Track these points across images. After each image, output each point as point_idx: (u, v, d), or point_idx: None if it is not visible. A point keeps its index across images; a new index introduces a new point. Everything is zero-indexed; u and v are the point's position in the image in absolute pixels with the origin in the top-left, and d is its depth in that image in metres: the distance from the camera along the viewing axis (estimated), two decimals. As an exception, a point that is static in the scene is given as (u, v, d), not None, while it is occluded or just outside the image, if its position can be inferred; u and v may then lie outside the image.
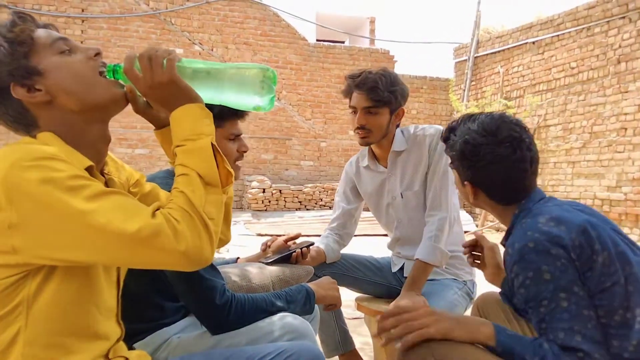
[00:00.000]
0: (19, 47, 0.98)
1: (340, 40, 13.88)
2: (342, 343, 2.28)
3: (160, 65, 1.00)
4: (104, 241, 0.86)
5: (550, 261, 1.11)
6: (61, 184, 0.86)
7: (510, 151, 1.27)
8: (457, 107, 10.30)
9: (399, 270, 2.29)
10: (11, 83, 0.98)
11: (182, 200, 0.93)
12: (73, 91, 1.01)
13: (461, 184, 1.39)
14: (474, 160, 1.31)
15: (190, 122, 1.01)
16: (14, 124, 1.03)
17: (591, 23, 7.86)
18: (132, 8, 9.81)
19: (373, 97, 2.03)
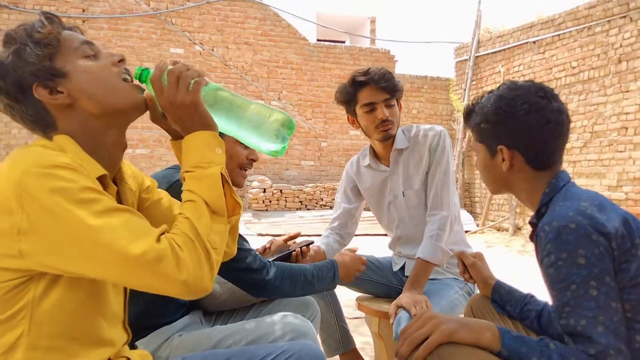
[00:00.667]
0: (45, 49, 0.98)
1: (340, 40, 13.88)
2: (343, 342, 2.28)
3: (187, 85, 1.00)
4: (107, 258, 0.86)
5: (589, 246, 1.07)
6: (72, 195, 0.86)
7: (547, 101, 1.24)
8: (457, 107, 10.30)
9: (400, 269, 2.29)
10: (34, 84, 0.98)
11: (187, 227, 0.93)
12: (95, 95, 1.01)
13: (490, 157, 1.32)
14: (511, 113, 1.24)
15: (202, 150, 1.00)
16: (32, 123, 1.02)
17: (592, 22, 7.85)
18: (133, 8, 9.81)
19: (390, 88, 2.07)
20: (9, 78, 0.97)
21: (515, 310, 1.46)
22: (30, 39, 0.98)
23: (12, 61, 0.97)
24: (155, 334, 1.43)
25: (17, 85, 0.98)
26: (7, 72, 0.97)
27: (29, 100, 0.99)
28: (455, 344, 1.11)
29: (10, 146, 9.18)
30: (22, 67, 0.97)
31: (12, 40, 1.00)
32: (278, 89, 10.62)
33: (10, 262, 0.88)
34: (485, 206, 9.61)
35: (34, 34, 0.99)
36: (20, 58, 0.97)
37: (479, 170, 1.39)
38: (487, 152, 1.32)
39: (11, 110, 1.01)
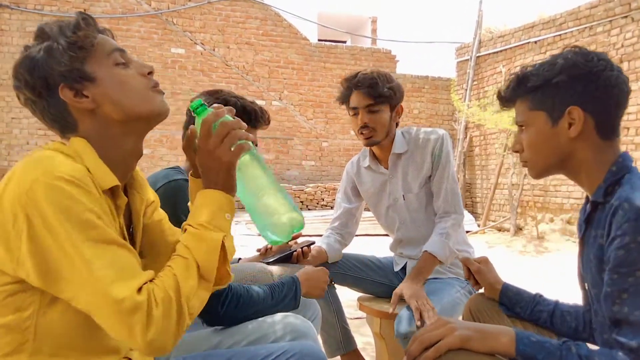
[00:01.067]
0: (78, 51, 0.98)
1: (342, 40, 13.88)
2: (344, 343, 2.28)
3: (231, 144, 0.99)
4: (85, 286, 0.85)
5: None
6: (75, 216, 0.85)
7: (616, 66, 1.17)
8: (458, 107, 10.28)
9: (401, 269, 2.28)
10: (61, 84, 0.98)
11: (171, 285, 0.91)
12: (120, 102, 1.01)
13: (551, 124, 1.19)
14: (589, 68, 1.14)
15: (213, 210, 0.99)
16: (52, 122, 1.02)
17: (593, 22, 7.85)
18: (134, 8, 9.81)
19: (374, 94, 2.02)
20: (36, 74, 0.97)
21: (525, 311, 1.43)
22: (65, 39, 0.98)
23: (43, 58, 0.97)
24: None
25: (43, 82, 0.97)
26: (35, 67, 0.97)
27: (53, 99, 0.99)
28: (464, 351, 1.07)
29: (11, 146, 9.19)
30: (52, 66, 0.97)
31: (45, 35, 0.99)
32: (279, 89, 10.62)
33: (7, 266, 0.88)
34: (486, 206, 9.60)
35: (69, 35, 0.98)
36: (52, 56, 0.97)
37: (527, 146, 1.25)
38: (548, 118, 1.19)
39: (32, 104, 1.01)
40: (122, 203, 1.03)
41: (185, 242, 0.97)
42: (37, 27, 1.01)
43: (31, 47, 1.00)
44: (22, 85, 0.99)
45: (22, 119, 9.27)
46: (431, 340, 1.10)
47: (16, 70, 0.99)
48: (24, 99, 1.01)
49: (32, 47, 0.99)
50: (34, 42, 1.00)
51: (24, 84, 0.98)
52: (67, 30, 0.99)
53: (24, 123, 9.28)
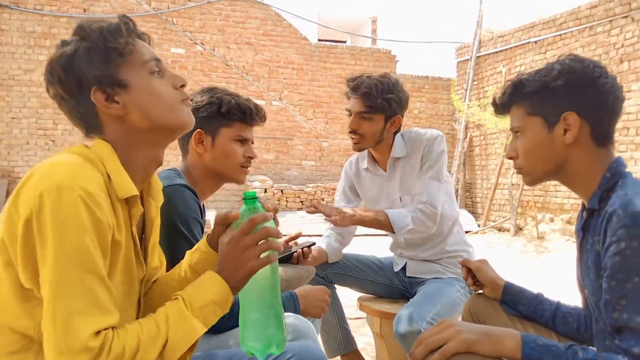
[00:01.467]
0: (117, 58, 0.98)
1: (341, 40, 13.87)
2: (344, 343, 2.28)
3: (261, 252, 0.98)
4: (49, 306, 0.83)
5: None
6: (71, 236, 0.85)
7: (611, 74, 1.17)
8: (459, 107, 10.28)
9: (401, 269, 2.28)
10: (95, 87, 0.98)
11: (131, 344, 0.87)
12: (150, 112, 1.01)
13: (547, 130, 1.19)
14: (586, 75, 1.14)
15: (212, 301, 0.96)
16: (78, 120, 1.02)
17: (593, 22, 7.84)
18: (134, 8, 9.81)
19: (366, 103, 2.01)
20: (71, 72, 0.97)
21: (528, 309, 1.42)
22: (105, 43, 0.97)
23: (80, 57, 0.97)
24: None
25: (76, 82, 0.97)
26: (71, 66, 0.96)
27: (83, 99, 0.98)
28: (470, 355, 1.06)
29: (11, 146, 9.19)
30: (88, 67, 0.96)
31: (84, 34, 0.98)
32: (279, 89, 10.61)
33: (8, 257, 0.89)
34: (486, 206, 9.59)
35: (110, 40, 0.98)
36: (89, 58, 0.97)
37: (522, 152, 1.25)
38: (544, 124, 1.19)
39: (61, 101, 1.00)
40: (138, 213, 1.02)
41: (169, 312, 0.93)
42: (78, 24, 1.00)
43: (69, 43, 0.99)
44: (54, 81, 0.98)
45: (22, 119, 9.26)
46: (436, 344, 1.09)
47: (51, 66, 0.98)
48: (53, 94, 1.01)
49: (70, 43, 0.98)
50: (71, 38, 0.99)
51: (57, 80, 0.98)
52: (108, 34, 0.98)
53: (23, 123, 9.27)
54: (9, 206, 0.89)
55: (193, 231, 1.41)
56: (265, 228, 0.99)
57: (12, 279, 0.89)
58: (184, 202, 1.41)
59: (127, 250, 1.01)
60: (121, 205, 0.99)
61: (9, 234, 0.87)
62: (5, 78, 9.17)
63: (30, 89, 9.27)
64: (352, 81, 2.07)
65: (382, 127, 2.06)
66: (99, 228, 0.88)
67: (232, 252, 0.98)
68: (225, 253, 0.99)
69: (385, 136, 2.09)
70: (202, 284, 0.98)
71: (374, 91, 2.00)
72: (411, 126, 10.81)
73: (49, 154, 9.28)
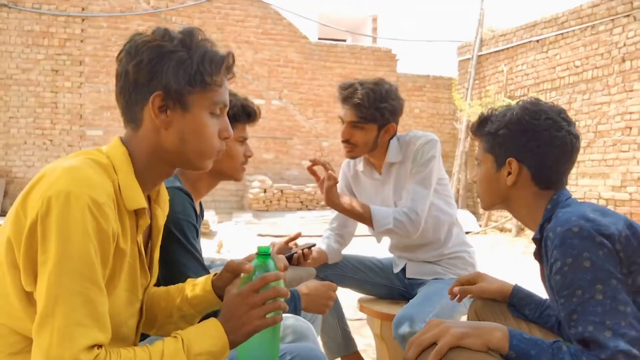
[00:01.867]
0: (200, 85, 0.99)
1: (342, 38, 13.85)
2: (344, 345, 2.29)
3: (268, 312, 0.98)
4: (49, 307, 0.83)
5: (593, 249, 1.07)
6: (74, 245, 0.84)
7: (567, 124, 1.25)
8: (460, 106, 10.26)
9: (401, 270, 2.27)
10: (161, 92, 0.97)
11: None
12: (187, 142, 1.02)
13: (495, 170, 1.32)
14: (532, 125, 1.24)
15: (209, 352, 0.95)
16: (125, 103, 1.01)
17: (595, 21, 7.82)
18: (133, 6, 9.79)
19: (358, 114, 1.99)
20: (152, 65, 0.97)
21: (534, 314, 1.44)
22: (199, 67, 0.98)
23: (170, 61, 0.97)
24: (158, 335, 1.41)
25: (150, 75, 0.97)
26: (158, 61, 0.97)
27: (141, 92, 0.99)
28: (463, 350, 1.08)
29: (9, 146, 9.16)
30: (170, 74, 0.97)
31: (188, 44, 0.98)
32: (279, 88, 10.59)
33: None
34: (487, 206, 9.56)
35: (206, 69, 0.98)
36: (177, 68, 0.97)
37: (478, 181, 1.39)
38: (494, 163, 1.32)
39: (124, 77, 0.99)
40: (145, 224, 1.03)
41: (165, 349, 0.92)
42: (191, 28, 1.01)
43: (171, 39, 0.98)
44: (133, 58, 0.97)
45: (20, 119, 9.24)
46: (427, 343, 1.12)
47: (141, 45, 0.97)
48: (121, 68, 1.00)
49: (172, 40, 0.98)
50: (175, 36, 0.99)
51: (136, 61, 0.97)
52: (209, 63, 0.99)
53: (21, 122, 9.25)
54: (17, 207, 0.89)
55: (187, 235, 1.41)
56: (275, 288, 0.99)
57: (16, 281, 0.88)
58: (178, 205, 1.42)
59: (131, 259, 1.01)
60: (129, 214, 0.99)
61: (15, 235, 0.87)
62: (3, 77, 9.15)
63: (28, 88, 9.25)
64: (344, 90, 2.03)
65: (375, 135, 2.04)
66: (102, 237, 0.88)
67: (239, 307, 0.99)
68: (231, 306, 1.00)
69: (379, 143, 2.07)
70: (203, 330, 0.98)
71: (366, 102, 1.97)
72: (412, 126, 10.80)
73: (47, 153, 9.27)
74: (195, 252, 1.41)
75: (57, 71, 9.37)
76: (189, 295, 1.14)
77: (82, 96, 9.50)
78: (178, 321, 1.17)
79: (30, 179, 0.91)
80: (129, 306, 1.04)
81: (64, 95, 9.41)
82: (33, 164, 9.19)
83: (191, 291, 1.14)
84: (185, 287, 1.17)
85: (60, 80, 9.39)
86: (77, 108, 9.48)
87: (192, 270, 1.37)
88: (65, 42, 9.40)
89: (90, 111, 9.51)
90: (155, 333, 1.19)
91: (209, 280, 1.13)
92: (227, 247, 6.67)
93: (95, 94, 9.54)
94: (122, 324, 1.02)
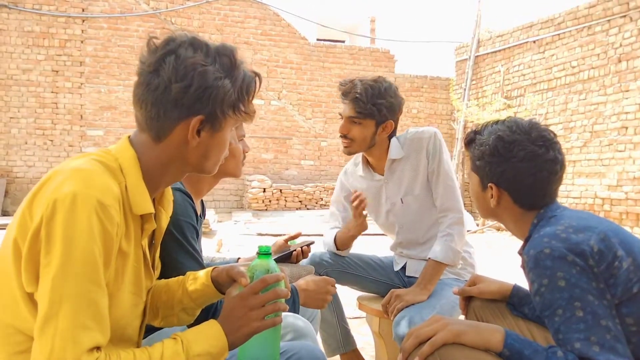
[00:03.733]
0: (234, 111, 1.01)
1: (340, 39, 13.86)
2: (343, 342, 2.27)
3: (267, 314, 0.99)
4: (57, 310, 0.83)
5: (566, 268, 1.08)
6: (79, 248, 0.84)
7: (544, 150, 1.26)
8: (457, 106, 10.28)
9: (401, 269, 2.28)
10: (202, 116, 0.98)
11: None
12: (210, 158, 1.04)
13: (481, 189, 1.36)
14: (506, 157, 1.27)
15: (208, 351, 0.96)
16: (154, 113, 0.98)
17: (592, 22, 7.85)
18: (133, 7, 9.80)
19: (356, 108, 2.02)
20: (200, 93, 0.96)
21: (533, 313, 1.44)
22: (240, 96, 1.00)
23: (217, 88, 0.97)
24: (158, 334, 1.42)
25: (194, 100, 0.97)
26: (206, 89, 0.96)
27: (181, 112, 0.97)
28: (458, 345, 1.10)
29: (10, 146, 9.17)
30: (216, 102, 0.98)
31: (228, 66, 0.99)
32: (278, 89, 10.61)
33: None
34: (485, 206, 9.58)
35: (244, 98, 1.01)
36: (223, 97, 0.98)
37: (471, 195, 1.43)
38: (479, 183, 1.36)
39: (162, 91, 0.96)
40: (151, 228, 1.03)
41: (165, 350, 0.93)
42: (229, 49, 1.01)
43: (214, 59, 0.98)
44: (177, 80, 0.96)
45: (21, 119, 9.25)
46: (425, 336, 1.13)
47: (187, 69, 0.96)
48: (155, 79, 0.97)
49: (213, 64, 0.98)
50: (213, 52, 0.99)
51: (184, 86, 0.96)
52: (245, 91, 1.01)
53: (22, 123, 9.26)
54: (23, 209, 0.89)
55: (187, 236, 1.41)
56: (275, 290, 1.00)
57: (22, 283, 0.88)
58: (177, 206, 1.41)
59: (136, 263, 1.01)
60: (133, 217, 0.98)
61: (21, 237, 0.87)
62: (4, 78, 9.16)
63: (29, 88, 9.26)
64: (344, 86, 2.07)
65: (373, 132, 2.06)
66: (106, 239, 0.88)
67: (238, 308, 0.99)
68: (231, 307, 1.00)
69: (377, 141, 2.09)
70: (203, 331, 0.98)
71: (364, 97, 2.00)
72: (410, 126, 10.80)
73: (48, 153, 9.27)
74: (194, 252, 1.42)
75: (58, 72, 9.38)
76: (189, 289, 1.14)
77: (82, 96, 9.51)
78: (179, 313, 1.17)
79: (30, 179, 0.91)
80: (134, 308, 1.03)
81: (64, 96, 9.42)
82: (34, 164, 9.19)
83: (191, 285, 1.15)
84: (185, 280, 1.17)
85: (61, 80, 9.40)
86: (77, 108, 9.48)
87: (192, 270, 1.39)
88: (66, 43, 9.41)
89: (90, 111, 9.52)
90: (158, 324, 1.20)
91: (209, 275, 1.13)
92: (227, 246, 6.70)
93: (96, 94, 9.55)
94: (127, 326, 1.02)
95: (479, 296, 1.53)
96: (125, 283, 0.98)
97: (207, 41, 1.01)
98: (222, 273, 1.11)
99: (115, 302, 0.95)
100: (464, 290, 1.55)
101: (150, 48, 1.01)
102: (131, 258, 0.99)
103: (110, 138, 9.26)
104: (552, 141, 1.28)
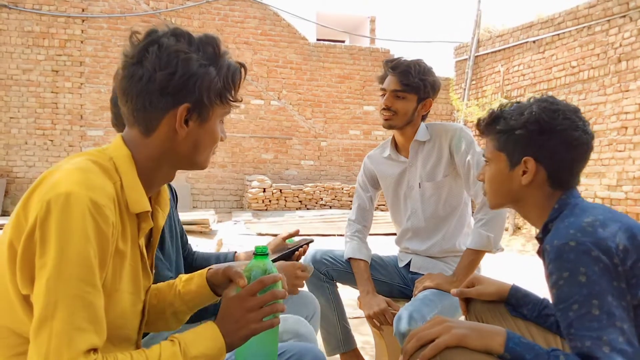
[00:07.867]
0: (221, 99, 1.01)
1: (340, 39, 13.86)
2: (343, 342, 2.28)
3: (265, 315, 0.99)
4: (52, 312, 0.82)
5: (589, 263, 1.05)
6: (73, 248, 0.84)
7: (583, 124, 1.22)
8: (457, 106, 10.29)
9: (405, 266, 2.28)
10: (188, 104, 0.98)
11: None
12: (199, 147, 1.04)
13: (509, 168, 1.28)
14: (552, 125, 1.20)
15: (204, 353, 0.95)
16: (139, 104, 0.98)
17: (592, 22, 7.85)
18: (133, 8, 9.80)
19: (403, 81, 2.09)
20: (185, 80, 0.96)
21: (532, 313, 1.44)
22: (226, 84, 1.00)
23: (202, 75, 0.97)
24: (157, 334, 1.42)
25: (180, 88, 0.97)
26: (191, 76, 0.96)
27: (167, 102, 0.97)
28: (460, 349, 1.09)
29: (10, 146, 9.18)
30: (202, 89, 0.97)
31: (211, 54, 0.99)
32: (278, 89, 10.61)
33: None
34: (485, 206, 9.58)
35: (230, 85, 1.01)
36: (209, 84, 0.98)
37: (487, 180, 1.35)
38: (507, 162, 1.28)
39: (146, 81, 0.96)
40: (147, 227, 1.03)
41: (162, 352, 0.93)
42: (212, 38, 1.01)
43: (197, 47, 0.98)
44: (160, 68, 0.95)
45: (21, 119, 9.25)
46: (428, 338, 1.12)
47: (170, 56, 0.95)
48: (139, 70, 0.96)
49: (198, 48, 0.98)
50: (195, 41, 0.99)
51: (168, 73, 0.95)
52: (231, 79, 1.01)
53: (22, 123, 9.26)
54: (18, 210, 0.89)
55: None
56: (273, 291, 0.99)
57: (16, 284, 0.88)
58: None
59: (134, 262, 1.01)
60: (129, 216, 0.98)
61: (16, 238, 0.87)
62: (4, 78, 9.16)
63: (29, 88, 9.26)
64: (392, 61, 2.15)
65: (414, 107, 2.14)
66: (101, 239, 0.88)
67: (236, 310, 0.98)
68: (228, 309, 0.99)
69: (414, 118, 2.16)
70: (200, 333, 0.98)
71: (412, 71, 2.09)
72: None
73: (48, 153, 9.27)
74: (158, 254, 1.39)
75: (58, 72, 9.38)
76: (181, 291, 1.14)
77: (82, 97, 9.51)
78: (170, 317, 1.17)
79: (30, 179, 0.91)
80: (133, 308, 1.03)
81: (64, 96, 9.42)
82: (34, 164, 9.19)
83: (183, 287, 1.14)
84: (176, 283, 1.17)
85: (61, 80, 9.40)
86: (77, 108, 9.49)
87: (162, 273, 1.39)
88: (66, 43, 9.41)
89: (90, 112, 9.52)
90: (146, 329, 1.18)
91: (203, 277, 1.13)
92: (227, 246, 6.70)
93: (96, 94, 9.55)
94: (125, 326, 1.02)
95: (477, 297, 1.52)
96: (123, 283, 0.97)
97: (189, 31, 1.01)
98: (217, 274, 1.11)
99: (113, 302, 0.95)
100: (462, 292, 1.53)
101: (132, 42, 1.00)
102: (128, 258, 0.98)
103: (110, 138, 9.22)
104: (585, 118, 1.25)
